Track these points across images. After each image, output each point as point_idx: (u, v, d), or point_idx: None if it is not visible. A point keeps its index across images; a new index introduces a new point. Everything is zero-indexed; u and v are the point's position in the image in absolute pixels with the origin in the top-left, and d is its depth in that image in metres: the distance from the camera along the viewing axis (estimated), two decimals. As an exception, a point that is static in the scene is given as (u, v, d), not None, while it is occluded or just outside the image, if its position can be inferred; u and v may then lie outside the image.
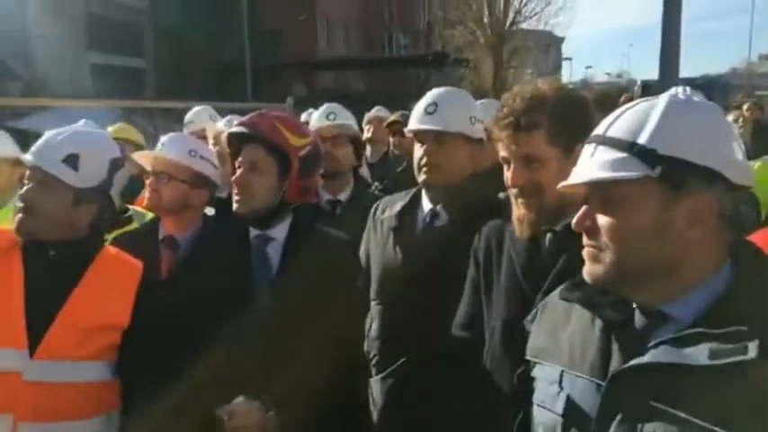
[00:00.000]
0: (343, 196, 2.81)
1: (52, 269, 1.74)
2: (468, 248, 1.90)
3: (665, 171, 0.98)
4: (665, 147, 0.99)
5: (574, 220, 1.09)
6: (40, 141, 1.83)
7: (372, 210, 2.34)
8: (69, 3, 21.66)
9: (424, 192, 2.19)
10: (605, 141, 1.05)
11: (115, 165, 1.88)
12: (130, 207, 2.80)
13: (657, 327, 1.04)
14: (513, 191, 1.63)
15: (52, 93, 18.18)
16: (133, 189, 3.03)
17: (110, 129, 3.57)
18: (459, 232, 1.99)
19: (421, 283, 2.03)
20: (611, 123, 1.06)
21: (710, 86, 26.25)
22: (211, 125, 3.71)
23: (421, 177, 2.12)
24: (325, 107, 3.04)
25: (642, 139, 1.00)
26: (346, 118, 2.99)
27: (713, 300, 1.00)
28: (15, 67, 18.80)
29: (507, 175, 1.62)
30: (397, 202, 2.25)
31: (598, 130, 1.08)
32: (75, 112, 8.98)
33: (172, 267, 2.28)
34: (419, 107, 2.15)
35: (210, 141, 3.21)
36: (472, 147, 2.15)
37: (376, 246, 2.24)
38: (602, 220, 1.04)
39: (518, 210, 1.63)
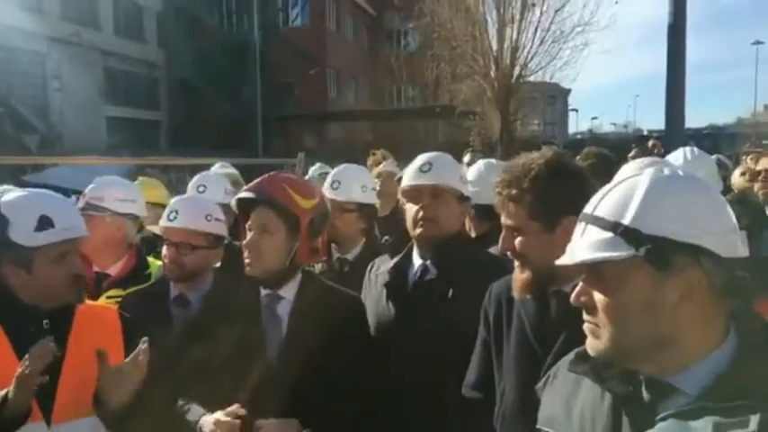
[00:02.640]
0: (351, 255, 2.83)
1: (39, 336, 1.69)
2: (458, 302, 2.01)
3: (649, 251, 1.00)
4: (648, 226, 1.01)
5: (572, 296, 1.11)
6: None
7: (369, 267, 2.42)
8: (88, 57, 22.31)
9: (415, 248, 2.27)
10: (593, 221, 1.07)
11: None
12: (152, 262, 2.80)
13: (665, 398, 1.04)
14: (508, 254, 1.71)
15: (68, 145, 18.56)
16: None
17: (136, 182, 3.57)
18: (449, 287, 2.10)
19: (414, 334, 2.09)
20: (599, 202, 1.09)
21: (717, 137, 26.45)
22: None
23: (417, 231, 2.20)
24: (330, 176, 2.99)
25: (626, 220, 1.03)
26: (351, 184, 2.89)
27: (717, 373, 1.01)
28: (32, 119, 19.24)
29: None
30: (390, 259, 2.33)
31: (588, 209, 1.11)
32: (92, 168, 9.18)
33: (182, 325, 2.30)
34: (413, 167, 2.27)
35: None
36: (462, 204, 2.29)
37: (371, 301, 2.30)
38: (597, 297, 1.07)
39: (515, 271, 1.70)
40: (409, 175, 2.26)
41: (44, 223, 1.71)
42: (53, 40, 20.49)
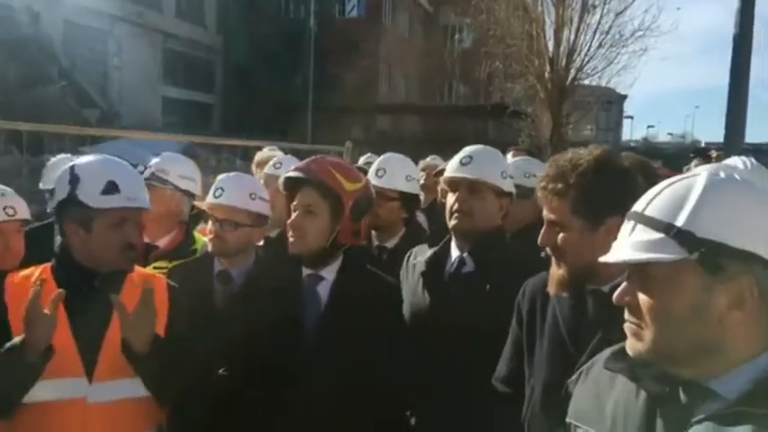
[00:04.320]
0: (390, 244, 2.86)
1: (92, 296, 1.79)
2: (493, 296, 2.00)
3: (702, 255, 0.97)
4: (702, 230, 0.98)
5: (615, 295, 1.09)
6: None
7: (406, 256, 2.45)
8: (149, 38, 22.94)
9: (453, 240, 2.28)
10: (643, 220, 1.05)
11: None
12: (198, 237, 2.87)
13: (702, 401, 1.03)
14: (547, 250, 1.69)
15: (125, 122, 19.14)
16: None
17: None
18: (485, 280, 2.10)
19: (448, 326, 2.10)
20: (650, 201, 1.06)
21: (777, 153, 25.44)
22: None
23: (452, 223, 2.23)
24: (375, 164, 3.02)
25: (680, 222, 1.00)
26: (395, 172, 2.93)
27: (758, 379, 0.99)
28: (94, 94, 19.90)
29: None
30: (428, 249, 2.35)
31: (637, 207, 1.08)
32: (146, 143, 9.46)
33: (224, 301, 2.37)
34: (455, 159, 2.30)
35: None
36: (502, 200, 2.29)
37: (407, 290, 2.32)
38: (642, 298, 1.05)
39: (552, 267, 1.68)
40: (450, 166, 2.30)
41: (111, 188, 1.79)
42: (117, 19, 21.12)
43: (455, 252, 2.27)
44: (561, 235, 1.62)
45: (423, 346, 2.15)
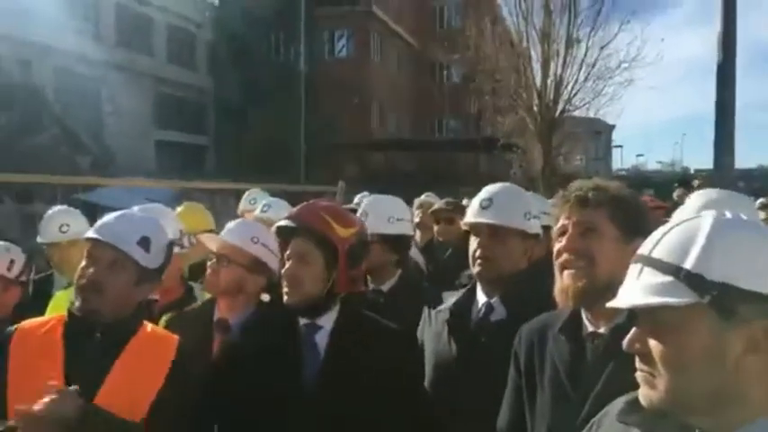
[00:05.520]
0: (386, 287, 2.83)
1: (93, 349, 1.77)
2: None
3: (714, 298, 0.94)
4: (713, 272, 0.95)
5: (625, 343, 1.05)
6: (108, 221, 1.89)
7: (428, 306, 2.34)
8: (141, 82, 23.20)
9: (479, 285, 2.19)
10: (651, 263, 1.01)
11: (171, 247, 2.03)
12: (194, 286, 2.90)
13: None
14: (561, 259, 1.61)
15: (118, 166, 19.22)
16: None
17: (180, 208, 3.60)
18: (517, 326, 1.91)
19: (476, 377, 2.00)
20: (657, 243, 1.03)
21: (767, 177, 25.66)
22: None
23: (475, 269, 2.14)
24: (361, 208, 2.97)
25: (689, 264, 0.97)
26: (377, 215, 2.83)
27: None
28: (86, 140, 20.00)
29: (560, 245, 1.62)
30: (452, 295, 2.26)
31: (643, 250, 1.05)
32: (141, 189, 9.48)
33: (221, 349, 2.32)
34: (475, 201, 2.21)
35: None
36: (527, 242, 2.18)
37: (431, 338, 2.23)
38: (653, 344, 1.00)
39: (562, 281, 1.61)
40: (471, 211, 2.20)
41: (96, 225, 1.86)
42: (109, 66, 21.37)
43: (482, 298, 2.16)
44: (593, 240, 1.57)
45: (449, 399, 2.05)
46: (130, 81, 22.43)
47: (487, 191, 2.21)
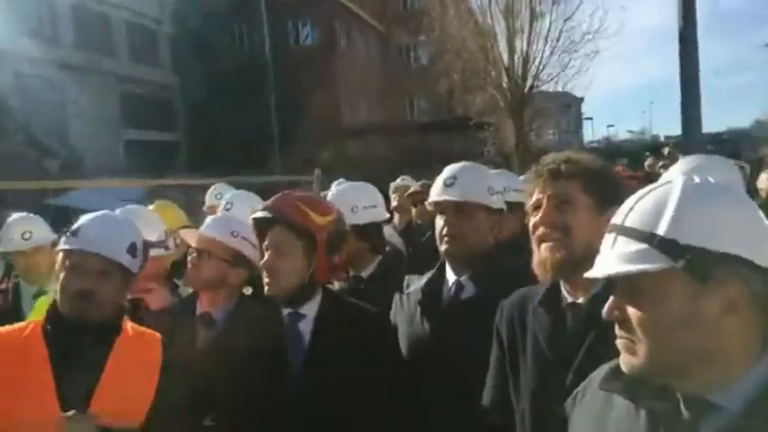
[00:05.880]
0: (365, 273, 2.83)
1: (81, 351, 1.77)
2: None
3: (688, 262, 0.95)
4: (685, 236, 0.96)
5: (604, 311, 1.06)
6: (92, 228, 1.85)
7: (401, 289, 2.34)
8: (105, 82, 22.76)
9: (447, 264, 2.21)
10: (624, 232, 1.02)
11: (149, 248, 2.05)
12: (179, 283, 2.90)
13: (706, 415, 0.99)
14: (538, 232, 1.62)
15: (88, 168, 18.90)
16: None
17: (152, 207, 3.57)
18: (488, 303, 1.95)
19: (450, 356, 2.01)
20: (629, 212, 1.04)
21: (737, 140, 26.06)
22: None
23: (443, 247, 2.14)
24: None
25: (661, 230, 0.98)
26: (342, 206, 2.68)
27: (762, 386, 0.97)
28: (52, 144, 19.61)
29: (535, 219, 1.63)
30: (422, 277, 2.27)
31: (616, 219, 1.06)
32: (112, 190, 9.33)
33: (206, 343, 2.33)
34: (438, 180, 2.22)
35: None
36: (492, 217, 2.19)
37: (403, 320, 2.24)
38: (632, 311, 1.01)
39: (540, 254, 1.62)
40: (434, 189, 2.21)
41: (75, 231, 1.85)
42: (70, 68, 20.92)
43: (451, 277, 2.16)
44: (568, 212, 1.58)
45: (422, 377, 2.07)
46: (93, 81, 21.99)
47: (450, 169, 2.22)
